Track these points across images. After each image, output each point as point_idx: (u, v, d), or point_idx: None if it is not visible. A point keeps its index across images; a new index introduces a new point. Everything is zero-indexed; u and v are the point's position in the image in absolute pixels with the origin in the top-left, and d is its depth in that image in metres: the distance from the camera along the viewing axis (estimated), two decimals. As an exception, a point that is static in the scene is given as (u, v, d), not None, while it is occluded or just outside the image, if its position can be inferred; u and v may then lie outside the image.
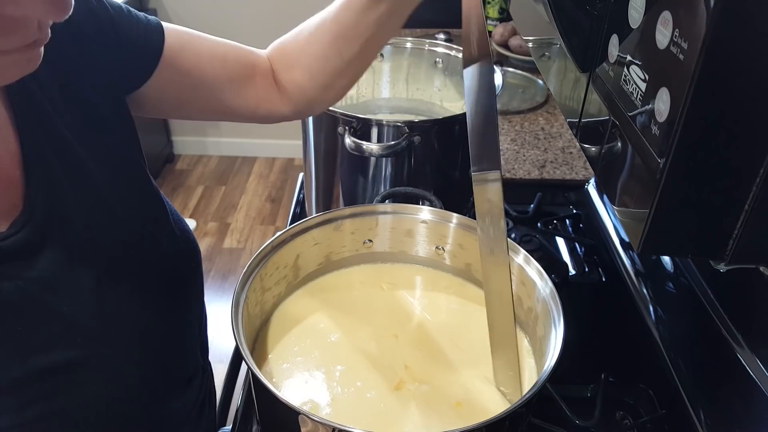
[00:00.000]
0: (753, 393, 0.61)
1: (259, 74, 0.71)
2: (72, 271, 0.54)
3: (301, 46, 0.71)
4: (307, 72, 0.70)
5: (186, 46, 0.66)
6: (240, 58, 0.70)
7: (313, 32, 0.69)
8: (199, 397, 0.74)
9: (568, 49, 0.62)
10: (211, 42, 0.69)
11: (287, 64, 0.72)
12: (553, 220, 1.15)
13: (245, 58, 0.71)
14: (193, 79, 0.67)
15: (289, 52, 0.72)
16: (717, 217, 0.42)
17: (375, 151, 0.88)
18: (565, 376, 0.64)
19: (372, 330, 0.72)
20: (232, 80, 0.69)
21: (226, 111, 0.72)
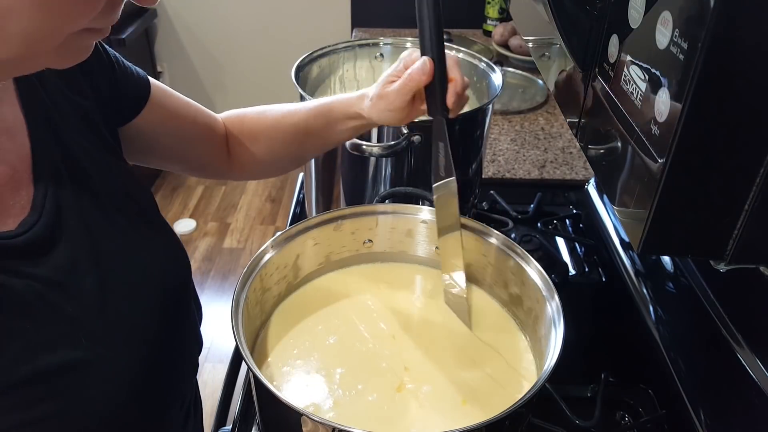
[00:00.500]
0: (753, 393, 0.61)
1: (216, 137, 0.81)
2: (77, 272, 0.55)
3: (264, 127, 0.80)
4: (266, 150, 0.81)
5: (166, 100, 0.74)
6: (205, 120, 0.79)
7: (280, 120, 0.79)
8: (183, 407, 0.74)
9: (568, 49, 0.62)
10: (185, 101, 0.78)
11: (247, 137, 0.81)
12: (553, 220, 1.15)
13: (208, 120, 0.80)
14: (168, 129, 0.75)
15: (250, 128, 0.81)
16: (717, 217, 0.42)
17: (375, 151, 0.88)
18: (565, 376, 0.64)
19: (371, 331, 0.72)
20: (194, 138, 0.78)
21: (186, 162, 0.82)
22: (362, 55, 1.11)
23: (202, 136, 0.79)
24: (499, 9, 2.05)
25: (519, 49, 1.82)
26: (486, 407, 0.63)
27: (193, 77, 3.01)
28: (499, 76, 0.99)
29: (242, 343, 0.57)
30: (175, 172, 0.84)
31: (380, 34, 2.06)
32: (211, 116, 0.80)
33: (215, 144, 0.80)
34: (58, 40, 0.44)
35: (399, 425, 0.61)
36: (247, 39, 2.87)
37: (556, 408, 0.74)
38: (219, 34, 2.88)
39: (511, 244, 0.71)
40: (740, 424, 0.64)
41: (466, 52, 1.08)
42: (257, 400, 0.63)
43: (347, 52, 1.10)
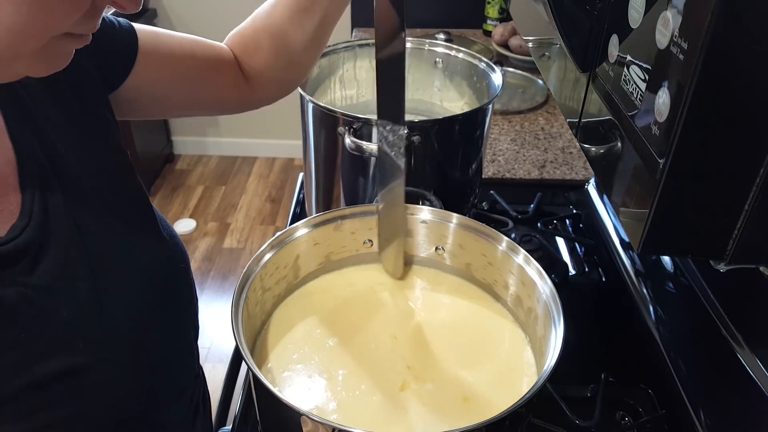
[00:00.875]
0: (753, 393, 0.61)
1: (226, 64, 0.74)
2: (69, 276, 0.54)
3: (261, 28, 0.73)
4: (272, 52, 0.73)
5: (158, 44, 0.68)
6: (206, 51, 0.72)
7: (271, 12, 0.71)
8: (192, 402, 0.74)
9: (568, 49, 0.62)
10: (179, 38, 0.71)
11: (250, 49, 0.74)
12: (553, 220, 1.15)
13: (210, 51, 0.73)
14: (167, 75, 0.69)
15: (248, 37, 0.74)
16: (717, 217, 0.42)
17: (375, 151, 0.88)
18: (565, 376, 0.64)
19: (372, 330, 0.72)
20: (201, 74, 0.72)
21: (199, 104, 0.75)
22: (362, 55, 1.11)
23: (209, 69, 0.72)
24: (499, 9, 2.05)
25: (519, 49, 1.82)
26: (486, 406, 0.63)
27: (193, 77, 3.00)
28: (499, 76, 0.99)
29: (242, 343, 0.57)
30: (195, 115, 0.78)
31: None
32: (213, 45, 0.74)
33: (226, 73, 0.74)
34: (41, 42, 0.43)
35: (404, 424, 0.61)
36: (247, 39, 2.86)
37: (556, 408, 0.74)
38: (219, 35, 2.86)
39: (511, 244, 0.71)
40: (740, 424, 0.64)
41: (466, 52, 1.08)
42: (257, 401, 0.63)
43: (347, 52, 1.10)
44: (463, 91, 1.11)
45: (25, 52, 0.43)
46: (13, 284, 0.50)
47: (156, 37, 0.68)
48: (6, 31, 0.41)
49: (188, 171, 3.18)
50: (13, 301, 0.50)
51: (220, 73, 0.73)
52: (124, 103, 0.66)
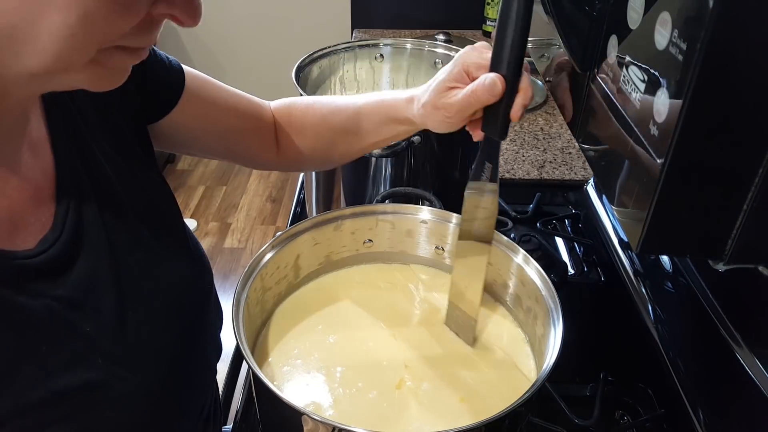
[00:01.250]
0: (752, 393, 0.61)
1: (263, 128, 0.76)
2: (96, 291, 0.54)
3: (313, 120, 0.76)
4: (311, 144, 0.77)
5: (203, 91, 0.70)
6: (249, 110, 0.75)
7: (331, 114, 0.74)
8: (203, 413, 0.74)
9: (568, 50, 0.62)
10: (225, 90, 0.73)
11: (293, 128, 0.77)
12: (553, 220, 1.15)
13: (253, 110, 0.75)
14: (205, 122, 0.70)
15: (298, 120, 0.77)
16: (715, 216, 0.42)
17: (375, 152, 0.88)
18: (564, 375, 0.65)
19: (372, 330, 0.72)
20: (240, 130, 0.74)
21: (229, 155, 0.77)
22: (362, 56, 1.12)
23: (247, 128, 0.74)
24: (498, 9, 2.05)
25: (519, 49, 1.81)
26: (485, 406, 0.63)
27: (193, 77, 3.00)
28: (499, 77, 0.99)
29: (243, 342, 0.57)
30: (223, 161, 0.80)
31: (380, 35, 2.06)
32: (257, 105, 0.76)
33: (262, 135, 0.76)
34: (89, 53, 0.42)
35: (398, 423, 0.61)
36: (248, 40, 2.87)
37: (555, 407, 0.74)
38: (219, 35, 2.88)
39: (511, 244, 0.71)
40: (739, 423, 0.65)
41: (465, 53, 1.08)
42: (258, 400, 0.63)
43: (347, 52, 1.10)
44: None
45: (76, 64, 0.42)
46: (40, 296, 0.50)
47: (203, 83, 0.70)
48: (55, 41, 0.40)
49: (189, 171, 3.18)
50: (38, 313, 0.49)
51: (256, 134, 0.75)
52: (157, 136, 0.67)
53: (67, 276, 0.52)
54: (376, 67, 1.14)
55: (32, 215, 0.51)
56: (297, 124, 0.77)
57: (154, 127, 0.66)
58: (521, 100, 0.58)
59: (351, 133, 0.73)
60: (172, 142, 0.70)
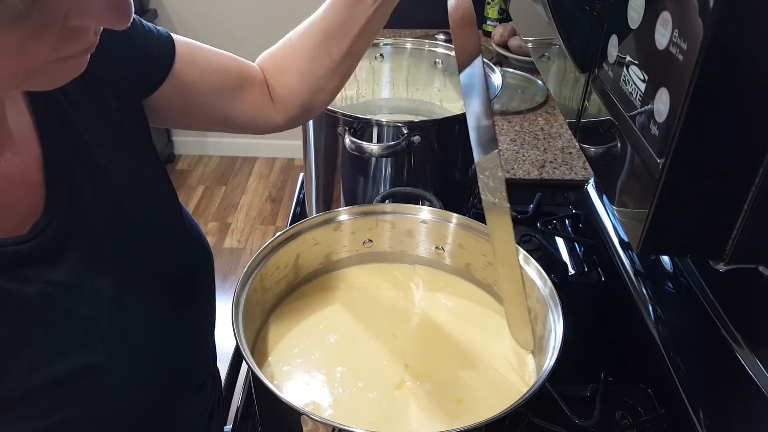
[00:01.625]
0: (752, 393, 0.61)
1: (255, 84, 0.74)
2: (92, 274, 0.54)
3: (290, 50, 0.73)
4: (298, 75, 0.72)
5: (194, 56, 0.68)
6: (238, 69, 0.73)
7: (301, 35, 0.71)
8: (209, 403, 0.74)
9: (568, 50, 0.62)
10: (214, 53, 0.71)
11: (278, 70, 0.74)
12: (553, 220, 1.15)
13: (242, 69, 0.73)
14: (200, 88, 0.69)
15: (278, 59, 0.74)
16: (716, 216, 0.42)
17: (375, 152, 0.88)
18: (564, 375, 0.65)
19: (372, 330, 0.72)
20: (233, 89, 0.72)
21: (227, 120, 0.74)
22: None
23: (239, 87, 0.73)
24: (498, 9, 2.05)
25: (519, 49, 1.82)
26: (485, 406, 0.63)
27: (193, 77, 3.01)
28: (499, 77, 0.99)
29: (242, 342, 0.57)
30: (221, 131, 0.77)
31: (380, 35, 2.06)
32: (246, 64, 0.75)
33: (255, 92, 0.74)
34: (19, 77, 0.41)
35: (398, 423, 0.61)
36: (247, 39, 2.87)
37: (555, 407, 0.74)
38: (219, 34, 2.88)
39: (510, 244, 0.71)
40: (740, 423, 0.64)
41: (466, 53, 1.07)
42: (257, 400, 0.63)
43: (347, 52, 1.09)
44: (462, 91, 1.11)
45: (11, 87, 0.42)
46: (34, 282, 0.50)
47: (193, 48, 0.69)
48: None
49: (189, 171, 3.18)
50: (34, 299, 0.50)
51: (249, 90, 0.74)
52: (155, 110, 0.66)
53: (61, 260, 0.52)
54: (376, 66, 1.14)
55: (23, 201, 0.51)
56: (280, 63, 0.74)
57: (150, 101, 0.65)
58: None
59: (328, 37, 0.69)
60: (167, 115, 0.68)
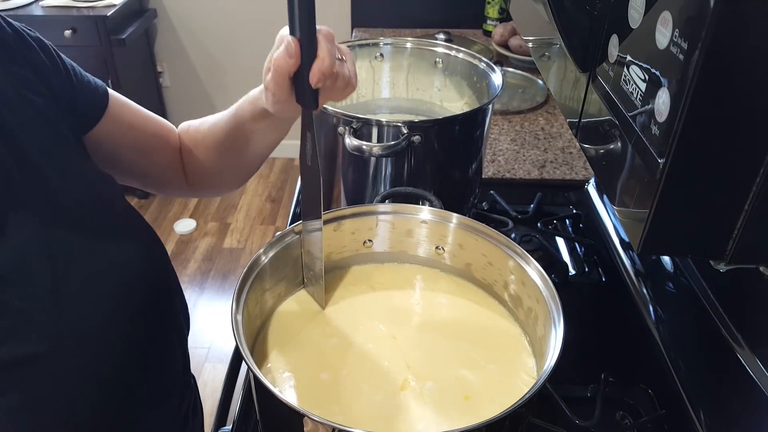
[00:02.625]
0: (753, 393, 0.61)
1: (170, 148, 0.81)
2: (28, 268, 0.55)
3: (202, 134, 0.81)
4: (203, 156, 0.81)
5: (125, 111, 0.75)
6: (161, 131, 0.80)
7: (212, 126, 0.79)
8: (180, 412, 0.74)
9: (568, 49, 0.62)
10: (143, 113, 0.78)
11: (190, 144, 0.82)
12: (553, 220, 1.15)
13: (165, 132, 0.80)
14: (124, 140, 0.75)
15: (192, 136, 0.82)
16: (717, 217, 0.42)
17: (375, 151, 0.88)
18: (565, 376, 0.65)
19: (372, 330, 0.72)
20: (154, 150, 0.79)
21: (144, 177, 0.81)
22: (362, 55, 1.11)
23: (159, 149, 0.79)
24: (499, 9, 2.05)
25: (519, 49, 1.82)
26: (486, 407, 0.63)
27: (193, 77, 3.01)
28: (499, 76, 0.99)
29: (242, 343, 0.57)
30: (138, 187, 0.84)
31: (380, 35, 2.06)
32: (168, 128, 0.81)
33: (170, 156, 0.81)
34: None
35: (403, 424, 0.61)
36: (248, 39, 2.87)
37: (556, 408, 0.74)
38: (219, 34, 2.88)
39: (511, 244, 0.71)
40: (740, 424, 0.64)
41: (466, 52, 1.08)
42: (257, 401, 0.63)
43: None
44: (463, 91, 1.11)
45: None
46: None
47: (125, 105, 0.75)
48: None
49: (188, 171, 3.18)
50: None
51: (166, 153, 0.80)
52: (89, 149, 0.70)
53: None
54: (376, 66, 1.14)
55: None
56: (191, 140, 0.81)
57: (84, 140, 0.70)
58: (318, 65, 0.58)
59: (232, 138, 0.77)
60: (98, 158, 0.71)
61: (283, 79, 0.59)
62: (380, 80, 1.16)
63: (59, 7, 2.46)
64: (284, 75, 0.59)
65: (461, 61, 1.08)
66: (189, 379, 0.80)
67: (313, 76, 0.58)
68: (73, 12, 2.44)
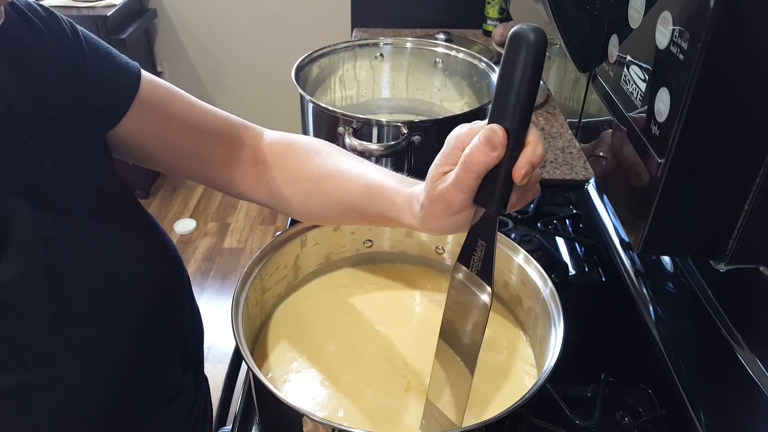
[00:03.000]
0: (753, 393, 0.61)
1: (241, 156, 0.67)
2: (26, 290, 0.50)
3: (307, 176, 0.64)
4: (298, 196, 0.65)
5: (159, 103, 0.62)
6: (221, 134, 0.65)
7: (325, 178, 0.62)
8: (192, 414, 0.72)
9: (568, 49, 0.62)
10: (192, 107, 0.64)
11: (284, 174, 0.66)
12: (553, 220, 1.15)
13: (229, 135, 0.66)
14: (161, 139, 0.63)
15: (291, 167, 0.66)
16: (717, 217, 0.42)
17: (375, 151, 0.88)
18: (565, 376, 0.64)
19: (372, 330, 0.72)
20: (205, 153, 0.65)
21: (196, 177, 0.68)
22: (362, 55, 1.12)
23: (215, 153, 0.65)
24: (499, 9, 2.05)
25: (519, 49, 1.81)
26: (486, 407, 0.63)
27: (193, 77, 3.00)
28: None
29: (242, 343, 0.57)
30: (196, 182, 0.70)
31: (380, 34, 2.06)
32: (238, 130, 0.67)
33: (236, 164, 0.66)
34: None
35: (403, 424, 0.61)
36: (247, 39, 2.87)
37: (556, 408, 0.74)
38: (219, 34, 2.87)
39: (511, 244, 0.71)
40: (740, 424, 0.64)
41: (466, 52, 1.08)
42: (257, 400, 0.63)
43: (347, 52, 1.10)
44: (463, 91, 1.11)
45: None
46: None
47: (164, 95, 0.63)
48: None
49: (188, 171, 3.18)
50: None
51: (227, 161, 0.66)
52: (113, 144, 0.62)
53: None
54: (376, 66, 1.14)
55: None
56: (289, 171, 0.65)
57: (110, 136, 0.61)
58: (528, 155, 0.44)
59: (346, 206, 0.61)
60: (128, 153, 0.64)
61: (475, 180, 0.45)
62: (380, 80, 1.16)
63: (59, 7, 2.46)
64: (479, 173, 0.45)
65: (461, 61, 1.08)
66: (202, 381, 0.78)
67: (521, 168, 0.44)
68: (73, 12, 2.44)
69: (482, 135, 0.44)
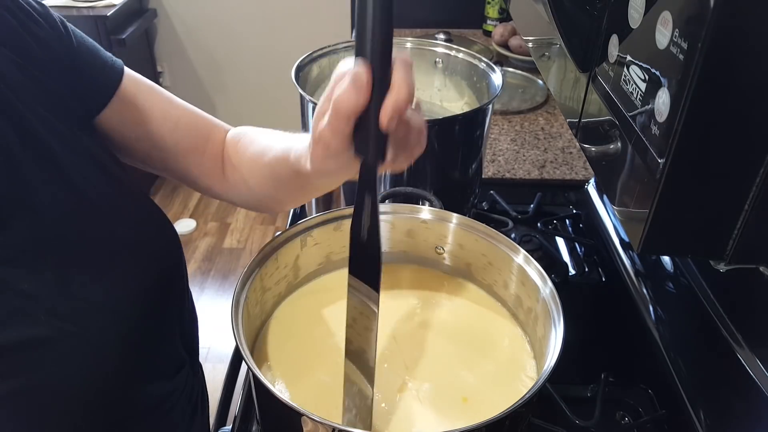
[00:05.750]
0: (753, 393, 0.61)
1: (209, 151, 0.72)
2: (35, 250, 0.54)
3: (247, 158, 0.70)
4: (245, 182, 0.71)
5: (140, 97, 0.66)
6: (194, 129, 0.71)
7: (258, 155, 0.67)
8: (192, 398, 0.73)
9: (568, 49, 0.62)
10: (169, 104, 0.69)
11: (234, 162, 0.72)
12: (553, 220, 1.15)
13: (199, 130, 0.71)
14: (138, 132, 0.68)
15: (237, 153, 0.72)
16: (717, 216, 0.42)
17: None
18: (565, 376, 0.65)
19: (372, 330, 0.72)
20: (179, 147, 0.70)
21: (168, 172, 0.73)
22: (362, 55, 1.12)
23: (188, 147, 0.70)
24: (499, 9, 2.05)
25: (519, 49, 1.82)
26: (486, 406, 0.63)
27: (193, 77, 3.01)
28: (499, 76, 0.99)
29: (242, 343, 0.57)
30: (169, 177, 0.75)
31: (380, 34, 2.06)
32: (208, 126, 0.72)
33: (205, 158, 0.72)
34: None
35: (400, 424, 0.61)
36: (247, 39, 2.87)
37: (556, 408, 0.74)
38: (219, 34, 2.88)
39: (511, 244, 0.71)
40: (740, 424, 0.64)
41: (466, 52, 1.08)
42: (257, 400, 0.63)
43: (347, 52, 1.10)
44: (463, 91, 1.11)
45: None
46: None
47: (144, 91, 0.67)
48: None
49: (188, 171, 3.18)
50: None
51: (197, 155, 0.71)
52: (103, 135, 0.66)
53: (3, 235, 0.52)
54: (376, 66, 1.14)
55: None
56: (236, 158, 0.72)
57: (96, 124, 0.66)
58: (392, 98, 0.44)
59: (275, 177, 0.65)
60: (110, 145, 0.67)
61: (345, 123, 0.45)
62: (380, 80, 1.16)
63: (59, 7, 2.46)
64: (348, 116, 0.45)
65: (461, 61, 1.08)
66: (197, 368, 0.80)
67: (385, 113, 0.44)
68: (73, 12, 2.44)
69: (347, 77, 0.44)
